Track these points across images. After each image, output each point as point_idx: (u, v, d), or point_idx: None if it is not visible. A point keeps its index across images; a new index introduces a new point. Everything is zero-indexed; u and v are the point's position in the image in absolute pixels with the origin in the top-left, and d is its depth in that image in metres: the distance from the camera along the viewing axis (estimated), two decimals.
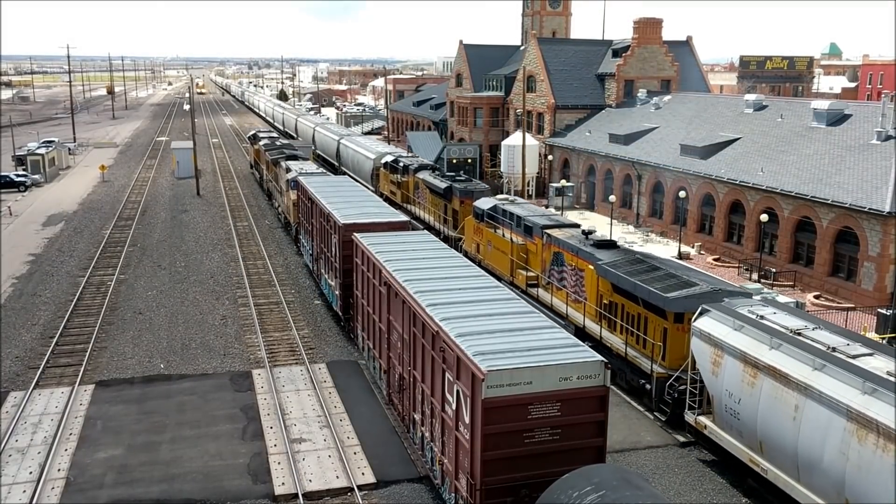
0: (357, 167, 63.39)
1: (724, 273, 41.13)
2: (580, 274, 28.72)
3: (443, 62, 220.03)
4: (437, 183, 44.47)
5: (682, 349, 23.25)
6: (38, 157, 71.88)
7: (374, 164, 58.13)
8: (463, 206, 41.34)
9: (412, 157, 54.62)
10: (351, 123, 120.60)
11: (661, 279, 24.43)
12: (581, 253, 28.63)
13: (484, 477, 16.24)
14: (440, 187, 43.60)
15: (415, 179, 49.01)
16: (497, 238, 34.90)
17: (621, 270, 25.74)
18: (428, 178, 46.60)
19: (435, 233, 39.67)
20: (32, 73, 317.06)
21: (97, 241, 47.77)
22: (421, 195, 48.04)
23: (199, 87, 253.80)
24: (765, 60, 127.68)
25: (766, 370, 18.73)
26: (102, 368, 28.08)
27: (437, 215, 44.87)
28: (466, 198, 41.19)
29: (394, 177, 52.53)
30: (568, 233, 31.11)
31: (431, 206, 45.82)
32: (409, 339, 20.93)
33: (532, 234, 32.54)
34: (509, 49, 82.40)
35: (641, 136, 55.81)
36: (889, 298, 34.84)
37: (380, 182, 56.27)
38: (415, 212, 48.30)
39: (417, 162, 51.59)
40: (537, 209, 36.17)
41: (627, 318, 25.92)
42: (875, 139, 40.19)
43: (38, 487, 20.12)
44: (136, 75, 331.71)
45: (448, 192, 42.96)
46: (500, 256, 34.63)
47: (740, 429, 19.83)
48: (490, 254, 35.64)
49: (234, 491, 20.20)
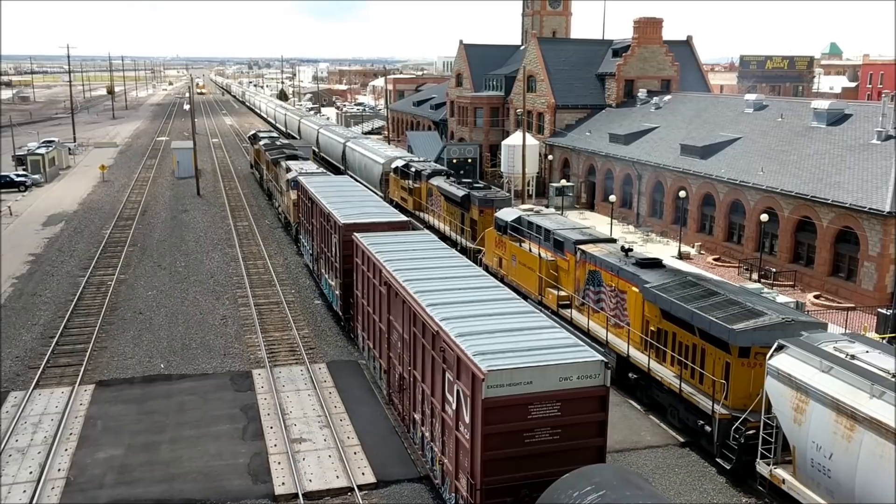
0: (365, 172, 60.61)
1: (724, 273, 41.14)
2: (621, 296, 26.04)
3: (443, 62, 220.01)
4: (453, 191, 41.93)
5: (747, 387, 20.61)
6: (38, 157, 71.89)
7: (383, 168, 55.55)
8: (482, 215, 38.96)
9: (424, 162, 51.88)
10: (351, 123, 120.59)
11: (722, 306, 21.67)
12: (623, 273, 25.92)
13: (484, 477, 16.24)
14: (457, 195, 41.04)
15: (428, 186, 46.53)
16: (522, 253, 32.33)
17: (674, 296, 22.91)
18: (443, 185, 43.97)
19: (451, 244, 37.67)
20: (32, 72, 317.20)
21: (97, 241, 47.77)
22: (435, 203, 45.49)
23: (199, 87, 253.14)
24: (765, 60, 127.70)
25: (867, 423, 16.07)
26: (102, 368, 28.08)
27: (453, 225, 42.56)
28: (486, 207, 38.88)
29: (405, 182, 50.00)
30: (605, 249, 28.35)
31: (447, 214, 43.36)
32: (410, 339, 20.93)
33: (563, 249, 29.87)
34: (509, 49, 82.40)
35: (642, 136, 55.80)
36: (889, 298, 34.84)
37: (389, 188, 53.73)
38: (428, 220, 45.83)
39: (430, 167, 49.06)
40: (566, 221, 33.07)
41: (680, 348, 23.10)
42: (875, 139, 40.18)
43: (38, 487, 20.11)
44: (136, 75, 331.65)
45: (466, 200, 40.55)
46: (526, 273, 31.97)
47: (831, 488, 17.15)
48: (514, 269, 33.11)
49: (234, 491, 20.20)
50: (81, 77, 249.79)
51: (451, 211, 42.76)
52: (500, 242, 34.61)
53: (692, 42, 71.58)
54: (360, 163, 62.38)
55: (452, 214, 42.55)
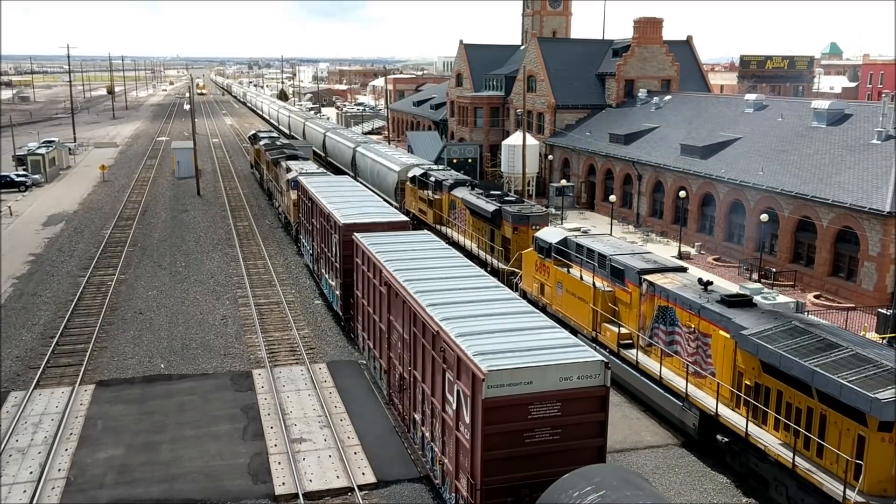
0: (377, 180, 56.18)
1: (724, 272, 41.16)
2: (703, 340, 22.10)
3: (443, 62, 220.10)
4: (481, 205, 37.71)
5: (889, 469, 16.94)
6: (38, 157, 71.89)
7: (398, 177, 51.21)
8: (516, 233, 35.27)
9: (444, 171, 47.56)
10: (351, 123, 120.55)
11: (850, 364, 17.65)
12: (706, 313, 21.88)
13: (484, 477, 16.24)
14: (486, 210, 36.91)
15: (450, 197, 42.65)
16: (571, 280, 28.42)
17: (781, 347, 18.87)
18: (469, 197, 39.71)
19: (479, 263, 33.82)
20: (33, 72, 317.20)
21: (97, 241, 47.77)
22: (458, 216, 41.63)
23: (199, 87, 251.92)
24: (765, 60, 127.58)
25: None
26: (103, 368, 28.08)
27: (481, 242, 38.47)
28: (521, 224, 35.21)
29: (423, 193, 46.05)
30: (677, 280, 24.38)
31: (473, 230, 39.49)
32: (410, 339, 20.94)
33: (624, 279, 25.91)
34: (509, 49, 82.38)
35: (642, 136, 55.80)
36: (889, 298, 34.83)
37: (406, 198, 49.73)
38: (451, 235, 41.59)
39: (452, 176, 44.72)
40: (622, 244, 28.74)
41: (788, 410, 19.18)
42: (875, 139, 40.17)
43: (38, 487, 20.12)
44: (136, 75, 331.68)
45: (497, 216, 36.47)
46: (575, 304, 28.11)
47: None
48: (561, 299, 29.29)
49: (234, 491, 20.20)
50: (81, 77, 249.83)
51: (478, 226, 38.88)
52: (541, 266, 30.67)
53: (692, 42, 71.58)
54: (372, 170, 58.03)
55: (480, 230, 38.68)
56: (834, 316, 33.16)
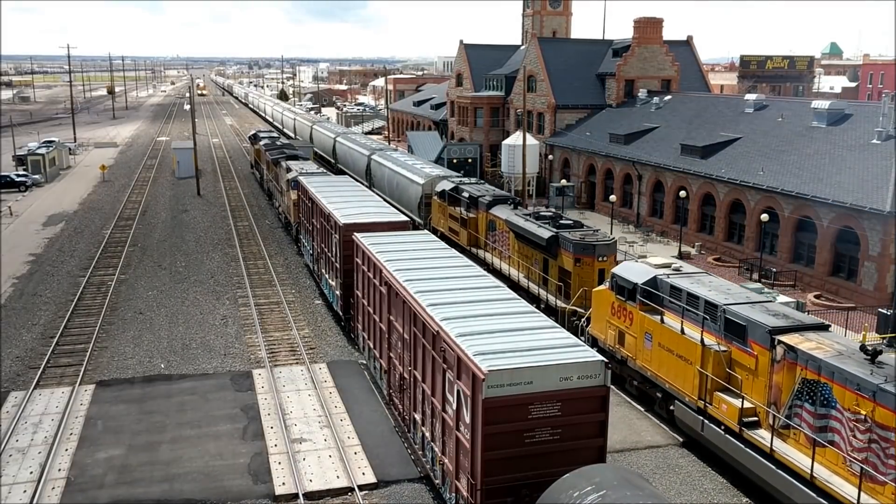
0: (397, 192, 50.84)
1: (724, 273, 41.15)
2: (881, 434, 16.66)
3: (443, 62, 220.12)
4: (532, 229, 32.37)
5: None
6: (38, 157, 71.94)
7: (422, 190, 46.05)
8: (579, 266, 29.86)
9: (479, 185, 42.14)
10: (351, 123, 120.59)
11: None
12: (885, 398, 16.48)
13: (484, 477, 16.24)
14: (540, 237, 31.48)
15: (489, 217, 37.51)
16: (666, 332, 22.76)
17: None
18: (515, 219, 34.47)
19: (527, 296, 30.06)
20: (33, 72, 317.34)
21: (98, 241, 47.78)
22: (500, 239, 36.51)
23: (199, 88, 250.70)
24: (765, 60, 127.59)
25: None
26: (103, 368, 28.09)
27: (531, 273, 33.09)
28: (585, 255, 29.84)
29: (455, 210, 40.90)
30: (824, 344, 18.70)
31: (519, 257, 34.44)
32: (410, 339, 20.93)
33: (745, 337, 20.33)
34: (510, 49, 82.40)
35: (642, 136, 55.81)
36: (890, 298, 34.82)
37: (432, 215, 44.53)
38: (490, 261, 36.68)
39: (490, 192, 39.57)
40: (731, 288, 22.94)
41: None
42: (876, 139, 40.17)
43: (38, 487, 20.12)
44: (136, 75, 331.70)
45: (553, 244, 31.05)
46: (672, 363, 22.55)
47: None
48: (650, 354, 23.65)
49: (234, 491, 20.20)
50: (82, 77, 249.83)
51: (526, 254, 33.83)
52: (620, 311, 25.06)
53: (692, 42, 71.61)
54: (391, 181, 52.35)
55: (529, 258, 33.55)
56: (834, 316, 33.16)
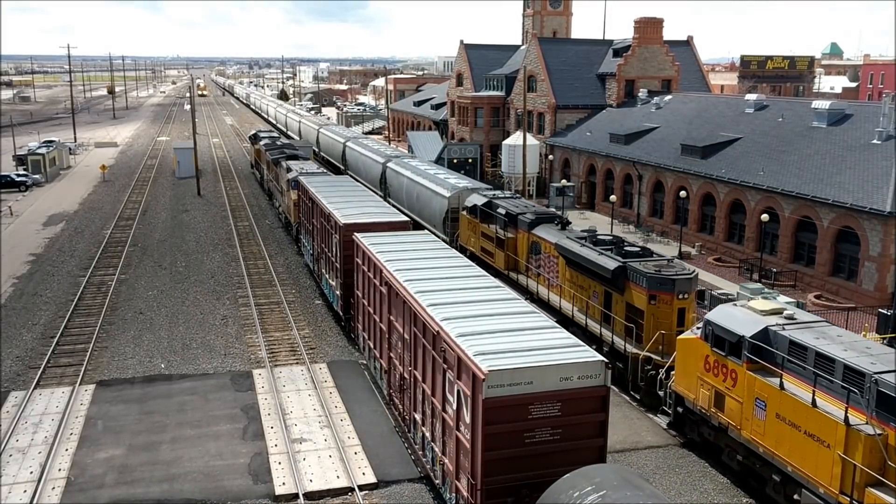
0: (418, 205, 46.35)
1: (724, 273, 41.15)
2: None
3: (443, 62, 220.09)
4: (592, 258, 27.29)
5: None
6: (38, 156, 71.97)
7: (448, 204, 41.47)
8: (654, 304, 24.83)
9: (515, 199, 37.22)
10: (351, 123, 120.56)
11: None
12: None
13: (485, 477, 16.23)
14: (604, 268, 26.37)
15: (532, 238, 32.56)
16: (789, 402, 18.30)
17: None
18: (567, 243, 29.26)
19: (585, 336, 26.49)
20: (33, 72, 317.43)
21: (98, 240, 47.78)
22: (546, 265, 31.50)
23: (200, 88, 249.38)
24: (766, 60, 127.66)
25: None
26: (103, 368, 28.09)
27: (591, 309, 28.03)
28: (662, 291, 24.73)
29: (487, 228, 36.21)
30: None
31: (572, 287, 29.46)
32: (410, 339, 20.93)
33: None
34: (510, 49, 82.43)
35: (642, 136, 55.80)
36: (890, 298, 34.82)
37: (461, 231, 39.91)
38: (532, 288, 32.16)
39: (532, 209, 34.54)
40: (870, 345, 18.59)
41: None
42: (876, 139, 40.16)
43: (38, 487, 20.13)
44: (136, 75, 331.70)
45: (620, 276, 25.97)
46: (798, 441, 18.08)
47: None
48: (764, 426, 19.12)
49: (234, 491, 20.21)
50: (82, 77, 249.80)
51: (581, 284, 28.85)
52: (718, 367, 20.57)
53: (693, 42, 71.63)
54: (410, 192, 47.80)
55: (584, 290, 28.62)
56: (834, 316, 33.16)
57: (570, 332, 19.36)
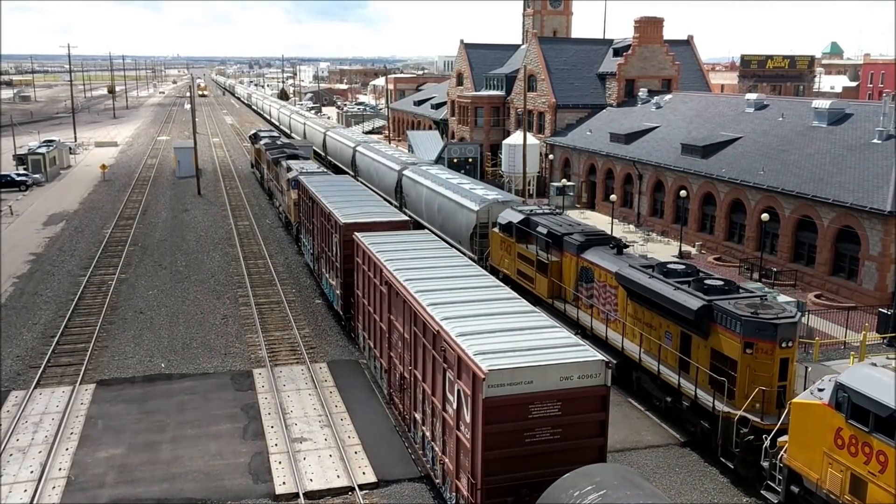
0: (440, 218, 41.75)
1: (724, 272, 41.14)
2: None
3: (444, 61, 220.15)
4: (667, 293, 22.99)
5: None
6: (38, 156, 71.96)
7: (476, 218, 37.35)
8: (752, 354, 20.60)
9: (556, 217, 32.57)
10: (352, 123, 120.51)
11: None
12: None
13: (485, 476, 16.23)
14: (685, 307, 22.09)
15: (581, 263, 28.36)
16: None
17: None
18: (631, 273, 24.97)
19: (656, 384, 23.88)
20: (33, 72, 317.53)
21: (98, 240, 47.78)
22: (601, 295, 27.31)
23: (200, 88, 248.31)
24: (766, 60, 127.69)
25: None
26: (103, 368, 28.09)
27: (663, 353, 23.72)
28: (762, 339, 20.48)
29: (525, 248, 31.96)
30: None
31: (635, 323, 25.14)
32: (410, 339, 20.94)
33: None
34: (510, 48, 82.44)
35: (642, 136, 55.79)
36: (890, 298, 34.81)
37: (492, 249, 35.70)
38: (583, 321, 27.94)
39: (578, 229, 30.21)
40: None
41: None
42: (876, 139, 40.14)
43: (39, 486, 20.14)
44: (136, 75, 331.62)
45: (705, 318, 21.77)
46: None
47: None
48: None
49: (234, 490, 20.21)
50: (82, 77, 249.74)
51: (647, 321, 24.63)
52: (856, 444, 16.91)
53: (693, 42, 71.63)
54: (431, 203, 43.37)
55: (653, 328, 24.36)
56: (835, 315, 33.16)
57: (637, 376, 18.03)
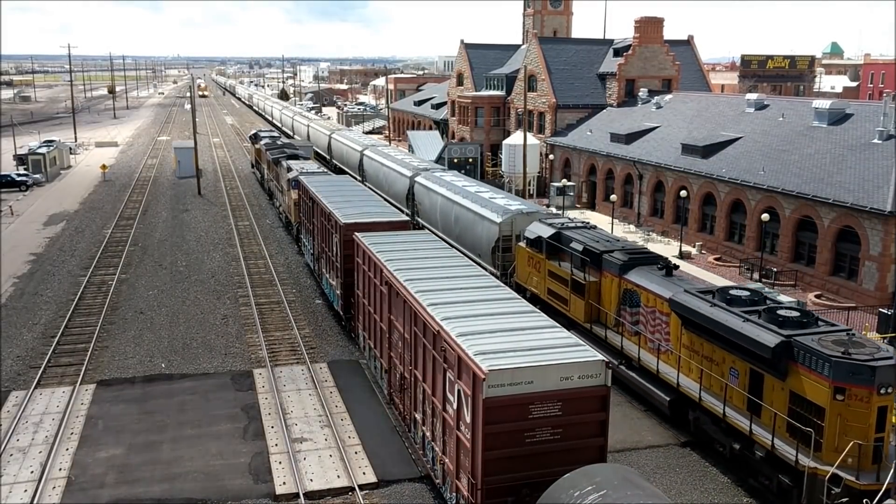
0: (457, 228, 38.97)
1: (725, 272, 41.14)
2: None
3: (444, 61, 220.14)
4: (733, 325, 20.22)
5: None
6: (39, 156, 71.97)
7: (499, 231, 34.46)
8: (843, 401, 17.78)
9: (590, 231, 29.93)
10: (352, 123, 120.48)
11: None
12: None
13: (485, 476, 16.24)
14: (760, 343, 19.20)
15: (624, 285, 25.72)
16: None
17: None
18: (689, 301, 22.13)
19: (721, 430, 20.96)
20: (34, 72, 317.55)
21: (98, 240, 47.79)
22: (649, 322, 24.55)
23: (201, 89, 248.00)
24: (766, 60, 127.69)
25: None
26: (104, 368, 28.09)
27: (730, 393, 20.78)
28: (855, 384, 17.67)
29: (556, 266, 29.21)
30: None
31: (692, 356, 22.42)
32: (410, 339, 20.94)
33: None
34: (510, 48, 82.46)
35: (642, 136, 55.79)
36: (890, 298, 34.81)
37: (518, 265, 32.82)
38: (627, 350, 25.21)
39: (618, 245, 27.58)
40: None
41: None
42: (876, 138, 40.15)
43: (39, 487, 20.13)
44: (136, 75, 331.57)
45: (784, 356, 18.88)
46: None
47: None
48: None
49: (235, 490, 20.21)
50: (82, 77, 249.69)
51: (709, 354, 21.78)
52: None
53: (693, 42, 71.61)
54: (447, 213, 40.49)
55: (714, 363, 21.56)
56: (835, 315, 33.16)
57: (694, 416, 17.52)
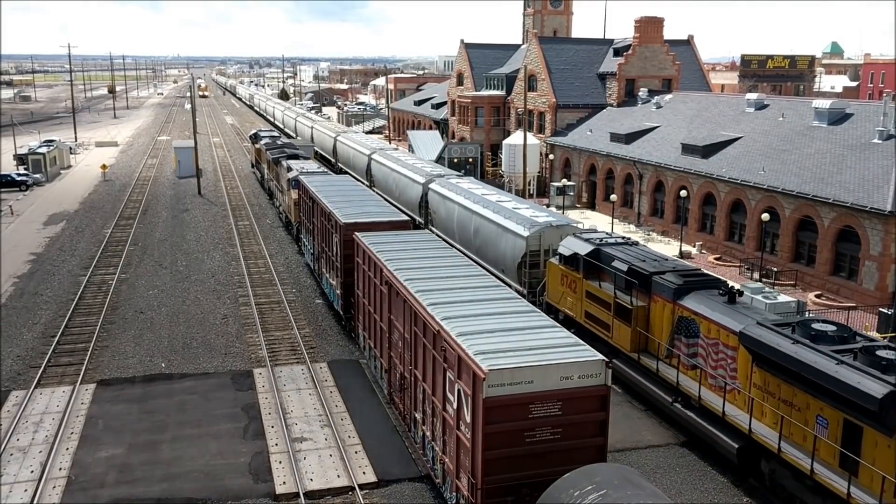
0: (477, 240, 36.08)
1: (725, 272, 41.12)
2: None
3: (444, 61, 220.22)
4: (825, 368, 17.20)
5: None
6: (39, 156, 71.98)
7: (527, 245, 31.56)
8: None
9: (633, 248, 27.21)
10: (352, 122, 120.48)
11: None
12: None
13: (485, 476, 16.24)
14: (862, 392, 16.25)
15: (679, 311, 23.00)
16: None
17: None
18: (765, 336, 19.22)
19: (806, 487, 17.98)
20: (34, 72, 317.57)
21: (98, 240, 47.79)
22: (710, 356, 21.75)
23: (201, 89, 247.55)
24: (766, 59, 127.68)
25: None
26: (104, 367, 28.09)
27: (819, 448, 17.75)
28: None
29: (595, 287, 26.52)
30: None
31: (766, 397, 19.54)
32: (410, 339, 20.94)
33: None
34: (510, 48, 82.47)
35: (643, 136, 55.79)
36: (890, 298, 34.81)
37: (549, 284, 29.98)
38: (685, 386, 22.50)
39: (669, 267, 24.93)
40: None
41: None
42: (877, 138, 40.14)
43: (39, 486, 20.14)
44: (136, 74, 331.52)
45: (891, 408, 15.90)
46: None
47: None
48: None
49: (235, 490, 20.21)
50: (82, 76, 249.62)
51: (788, 398, 18.79)
52: None
53: (693, 41, 71.62)
54: (465, 223, 37.51)
55: (799, 411, 18.49)
56: (835, 315, 33.15)
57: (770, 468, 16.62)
